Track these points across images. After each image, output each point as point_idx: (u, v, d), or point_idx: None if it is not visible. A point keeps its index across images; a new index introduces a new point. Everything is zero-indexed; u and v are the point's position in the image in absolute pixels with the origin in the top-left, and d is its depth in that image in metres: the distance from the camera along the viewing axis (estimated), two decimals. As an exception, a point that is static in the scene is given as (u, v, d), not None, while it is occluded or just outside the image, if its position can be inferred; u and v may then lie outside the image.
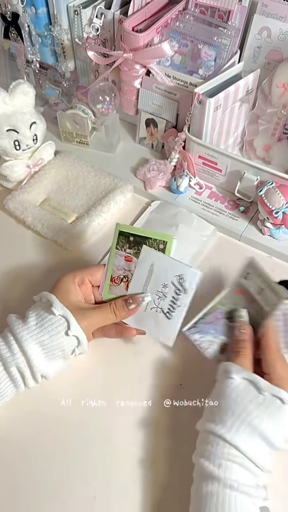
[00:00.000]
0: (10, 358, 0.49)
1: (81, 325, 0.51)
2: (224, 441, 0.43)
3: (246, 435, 0.43)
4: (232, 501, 0.41)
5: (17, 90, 0.70)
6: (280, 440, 0.44)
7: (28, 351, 0.49)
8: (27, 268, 0.68)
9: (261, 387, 0.44)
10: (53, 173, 0.78)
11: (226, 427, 0.43)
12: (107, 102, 0.79)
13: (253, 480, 0.43)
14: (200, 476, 0.44)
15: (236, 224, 0.72)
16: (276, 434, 0.44)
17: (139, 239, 0.53)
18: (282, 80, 0.69)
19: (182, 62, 0.75)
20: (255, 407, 0.44)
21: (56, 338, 0.50)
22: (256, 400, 0.44)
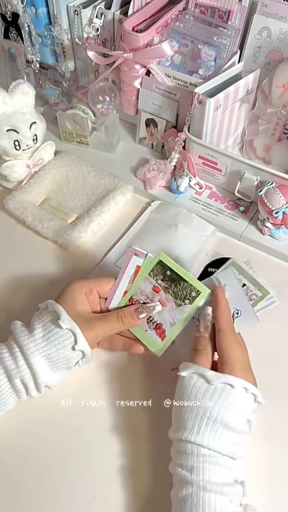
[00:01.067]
0: (15, 371, 0.49)
1: (87, 335, 0.50)
2: (191, 443, 0.43)
3: (209, 430, 0.43)
4: (207, 502, 0.41)
5: (17, 90, 0.70)
6: (242, 423, 0.44)
7: (33, 364, 0.49)
8: (27, 268, 0.68)
9: (209, 378, 0.45)
10: (53, 173, 0.78)
11: (188, 429, 0.44)
12: (107, 102, 0.79)
13: (229, 475, 0.43)
14: (177, 482, 0.44)
15: (236, 224, 0.72)
16: (236, 419, 0.44)
17: (176, 277, 0.52)
18: (282, 80, 0.69)
19: (182, 62, 0.75)
20: (209, 400, 0.44)
21: (62, 352, 0.50)
22: (208, 392, 0.44)
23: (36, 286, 0.66)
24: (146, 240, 0.69)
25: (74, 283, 0.54)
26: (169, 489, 0.47)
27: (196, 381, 0.45)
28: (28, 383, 0.49)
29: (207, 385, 0.45)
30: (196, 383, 0.45)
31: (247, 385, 0.45)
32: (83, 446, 0.52)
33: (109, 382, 0.56)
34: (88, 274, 0.67)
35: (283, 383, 0.56)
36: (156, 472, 0.50)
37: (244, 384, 0.45)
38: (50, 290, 0.65)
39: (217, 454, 0.43)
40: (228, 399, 0.44)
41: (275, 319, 0.61)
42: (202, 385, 0.45)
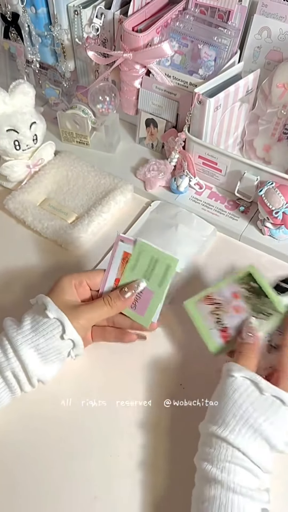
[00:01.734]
0: (5, 363, 0.49)
1: (77, 324, 0.51)
2: (227, 443, 0.43)
3: (249, 436, 0.43)
4: (235, 505, 0.40)
5: (17, 90, 0.70)
6: (281, 442, 0.44)
7: (22, 355, 0.49)
8: (27, 268, 0.68)
9: (263, 387, 0.44)
10: (53, 173, 0.78)
11: (228, 429, 0.43)
12: (107, 102, 0.79)
13: (256, 482, 0.43)
14: (203, 479, 0.43)
15: (236, 224, 0.72)
16: (278, 436, 0.43)
17: (260, 291, 0.52)
18: (282, 80, 0.69)
19: (182, 62, 0.75)
20: (257, 408, 0.43)
21: (51, 342, 0.50)
22: (257, 401, 0.44)
23: (36, 286, 0.66)
24: (146, 240, 0.68)
25: (63, 276, 0.54)
26: (169, 489, 0.47)
27: (248, 387, 0.45)
28: (20, 376, 0.49)
29: (258, 393, 0.44)
30: (247, 388, 0.45)
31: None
32: (83, 446, 0.52)
33: (109, 382, 0.56)
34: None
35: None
36: (156, 472, 0.50)
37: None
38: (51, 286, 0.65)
39: (249, 461, 0.42)
40: (276, 415, 0.43)
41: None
42: (253, 392, 0.44)
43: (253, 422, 0.43)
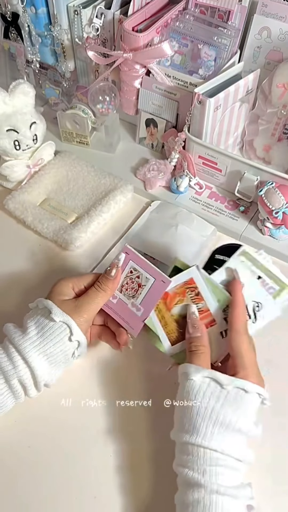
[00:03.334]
0: (12, 371, 0.48)
1: (80, 322, 0.50)
2: (203, 448, 0.43)
3: (222, 435, 0.43)
4: (219, 506, 0.40)
5: (17, 90, 0.70)
6: (251, 426, 0.44)
7: (32, 362, 0.48)
8: (27, 268, 0.68)
9: (223, 382, 0.44)
10: (53, 173, 0.78)
11: (201, 435, 0.43)
12: (107, 102, 0.79)
13: (238, 477, 0.43)
14: (185, 484, 0.43)
15: (236, 224, 0.72)
16: (247, 423, 0.44)
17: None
18: (282, 80, 0.69)
19: (182, 62, 0.75)
20: (222, 404, 0.44)
21: (60, 345, 0.50)
22: (221, 396, 0.44)
23: (36, 286, 0.66)
24: (146, 240, 0.69)
25: (61, 279, 0.54)
26: (169, 489, 0.47)
27: (209, 386, 0.45)
28: (27, 383, 0.49)
29: (220, 388, 0.44)
30: (209, 387, 0.44)
31: (260, 391, 0.45)
32: (83, 446, 0.52)
33: (109, 382, 0.56)
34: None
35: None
36: (156, 472, 0.50)
37: (258, 390, 0.44)
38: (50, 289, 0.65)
39: (228, 458, 0.43)
40: (241, 404, 0.44)
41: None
42: (215, 389, 0.44)
43: (223, 419, 0.43)
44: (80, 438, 0.52)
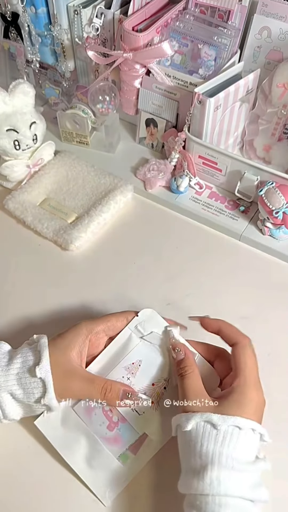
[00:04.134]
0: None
1: (60, 390, 0.47)
2: (212, 496, 0.40)
3: (228, 477, 0.40)
4: None
5: (17, 90, 0.70)
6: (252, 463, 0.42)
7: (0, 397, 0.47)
8: (27, 268, 0.68)
9: (217, 423, 0.42)
10: (53, 173, 0.78)
11: (206, 484, 0.40)
12: (107, 102, 0.79)
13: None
14: None
15: (236, 224, 0.72)
16: (245, 459, 0.41)
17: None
18: (282, 80, 0.69)
19: (182, 62, 0.75)
20: (220, 446, 0.41)
21: (27, 398, 0.47)
22: (217, 438, 0.41)
23: (35, 286, 0.66)
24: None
25: (81, 327, 0.50)
26: (171, 490, 0.47)
27: (204, 431, 0.42)
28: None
29: (215, 432, 0.42)
30: (204, 431, 0.42)
31: (254, 426, 0.42)
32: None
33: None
34: (87, 274, 0.67)
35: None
36: (157, 473, 0.50)
37: (252, 426, 0.42)
38: (49, 290, 0.65)
39: (237, 499, 0.40)
40: (238, 442, 0.41)
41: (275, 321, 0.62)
42: (210, 433, 0.42)
43: (225, 462, 0.40)
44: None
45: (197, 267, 0.68)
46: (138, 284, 0.66)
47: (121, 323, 0.52)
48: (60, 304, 0.63)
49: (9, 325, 0.61)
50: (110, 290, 0.65)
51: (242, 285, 0.66)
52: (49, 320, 0.62)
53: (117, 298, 0.64)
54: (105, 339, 0.52)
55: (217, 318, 0.50)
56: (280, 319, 0.62)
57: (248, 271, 0.68)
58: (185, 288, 0.65)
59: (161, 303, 0.62)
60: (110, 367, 0.51)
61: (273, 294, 0.65)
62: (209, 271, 0.67)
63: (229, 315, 0.61)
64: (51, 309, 0.63)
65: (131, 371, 0.50)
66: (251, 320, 0.61)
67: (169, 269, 0.68)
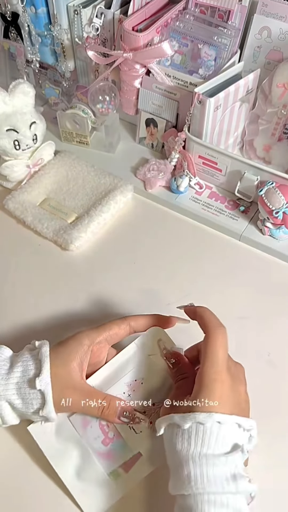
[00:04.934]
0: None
1: (59, 401, 0.46)
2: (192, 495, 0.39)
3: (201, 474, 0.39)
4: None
5: (17, 90, 0.70)
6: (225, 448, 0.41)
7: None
8: (27, 268, 0.68)
9: (178, 422, 0.41)
10: (53, 173, 0.78)
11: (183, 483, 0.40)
12: (107, 102, 0.79)
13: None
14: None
15: (236, 224, 0.72)
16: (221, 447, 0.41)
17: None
18: (282, 80, 0.69)
19: (182, 62, 0.75)
20: (188, 445, 0.41)
21: (26, 408, 0.47)
22: (183, 438, 0.41)
23: (35, 286, 0.66)
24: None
25: (83, 337, 0.49)
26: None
27: (171, 432, 0.42)
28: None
29: (180, 430, 0.41)
30: (172, 434, 0.42)
31: (218, 418, 0.41)
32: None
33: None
34: (87, 274, 0.67)
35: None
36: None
37: (216, 418, 0.41)
38: (49, 290, 0.65)
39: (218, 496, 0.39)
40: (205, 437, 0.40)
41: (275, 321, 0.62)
42: (177, 432, 0.41)
43: (197, 458, 0.40)
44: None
45: (197, 267, 0.68)
46: (138, 284, 0.66)
47: (124, 331, 0.51)
48: (60, 304, 0.63)
49: (9, 325, 0.61)
50: (110, 290, 0.65)
51: (242, 285, 0.66)
52: (49, 320, 0.62)
53: (117, 298, 0.64)
54: (107, 348, 0.51)
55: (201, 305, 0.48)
56: (280, 319, 0.62)
57: (248, 271, 0.68)
58: (185, 288, 0.65)
59: (161, 303, 0.62)
60: (111, 381, 0.50)
61: (273, 294, 0.65)
62: (209, 271, 0.67)
63: (229, 315, 0.61)
64: (51, 309, 0.63)
65: (132, 388, 0.50)
66: (250, 320, 0.61)
67: (169, 269, 0.68)
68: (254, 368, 0.56)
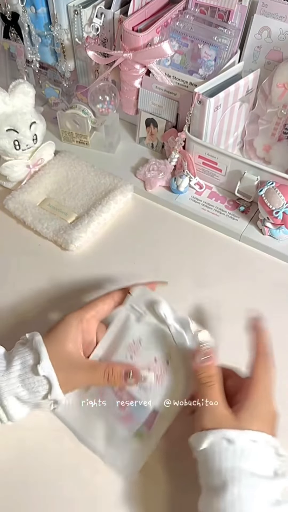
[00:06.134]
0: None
1: (65, 382, 0.47)
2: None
3: (248, 495, 0.39)
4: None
5: (17, 90, 0.70)
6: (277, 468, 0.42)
7: (3, 401, 0.46)
8: (27, 268, 0.68)
9: (233, 439, 0.41)
10: (53, 173, 0.78)
11: (227, 502, 0.39)
12: (107, 102, 0.79)
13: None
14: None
15: (236, 224, 0.72)
16: (267, 470, 0.41)
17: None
18: (282, 80, 0.69)
19: (182, 62, 0.75)
20: (239, 461, 0.41)
21: (35, 397, 0.47)
22: (234, 454, 0.41)
23: (35, 286, 0.66)
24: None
25: (71, 318, 0.50)
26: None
27: (220, 447, 0.41)
28: (1, 415, 0.48)
29: (231, 446, 0.41)
30: (220, 449, 0.41)
31: (268, 439, 0.42)
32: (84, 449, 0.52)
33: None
34: (87, 274, 0.67)
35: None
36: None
37: (266, 438, 0.42)
38: (49, 290, 0.65)
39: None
40: (253, 455, 0.41)
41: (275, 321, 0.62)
42: (227, 447, 0.41)
43: (244, 477, 0.40)
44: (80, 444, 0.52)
45: (197, 267, 0.68)
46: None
47: (108, 306, 0.52)
48: (60, 304, 0.63)
49: (8, 325, 0.61)
50: (110, 290, 0.65)
51: (242, 285, 0.66)
52: (48, 320, 0.62)
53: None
54: (96, 324, 0.53)
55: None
56: (280, 319, 0.62)
57: (248, 271, 0.68)
58: (185, 287, 0.65)
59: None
60: (113, 350, 0.52)
61: (273, 294, 0.65)
62: (209, 271, 0.67)
63: (229, 314, 0.61)
64: (51, 309, 0.63)
65: (132, 350, 0.51)
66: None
67: (169, 269, 0.68)
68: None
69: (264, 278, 0.66)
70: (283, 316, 0.62)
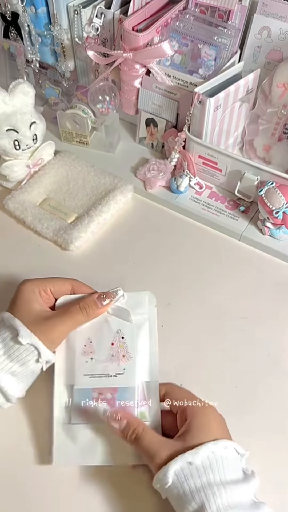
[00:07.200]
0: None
1: (50, 338, 0.49)
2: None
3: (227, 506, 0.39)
4: None
5: (17, 90, 0.70)
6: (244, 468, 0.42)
7: (1, 383, 0.47)
8: (27, 268, 0.68)
9: (190, 460, 0.41)
10: (53, 173, 0.78)
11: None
12: (107, 102, 0.79)
13: None
14: None
15: (236, 224, 0.72)
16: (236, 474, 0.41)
17: None
18: (282, 80, 0.69)
19: (182, 61, 0.75)
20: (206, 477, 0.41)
21: (27, 366, 0.48)
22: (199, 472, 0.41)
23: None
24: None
25: (26, 284, 0.52)
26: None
27: (184, 472, 0.41)
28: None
29: (193, 466, 0.41)
30: (185, 474, 0.41)
31: (226, 444, 0.42)
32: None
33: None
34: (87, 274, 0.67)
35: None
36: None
37: (224, 444, 0.42)
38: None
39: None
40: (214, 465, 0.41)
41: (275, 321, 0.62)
42: (191, 469, 0.41)
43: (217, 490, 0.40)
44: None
45: (197, 267, 0.68)
46: (138, 284, 0.66)
47: (65, 288, 0.53)
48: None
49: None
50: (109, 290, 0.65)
51: (242, 285, 0.66)
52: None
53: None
54: (53, 301, 0.53)
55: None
56: (280, 319, 0.62)
57: (248, 271, 0.68)
58: (185, 287, 0.65)
59: (161, 303, 0.62)
60: (73, 363, 0.52)
61: (273, 294, 0.65)
62: (209, 271, 0.67)
63: (229, 314, 0.62)
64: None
65: (88, 352, 0.52)
66: (250, 320, 0.61)
67: (168, 269, 0.68)
68: (254, 369, 0.56)
69: (264, 278, 0.66)
70: (283, 316, 0.62)
